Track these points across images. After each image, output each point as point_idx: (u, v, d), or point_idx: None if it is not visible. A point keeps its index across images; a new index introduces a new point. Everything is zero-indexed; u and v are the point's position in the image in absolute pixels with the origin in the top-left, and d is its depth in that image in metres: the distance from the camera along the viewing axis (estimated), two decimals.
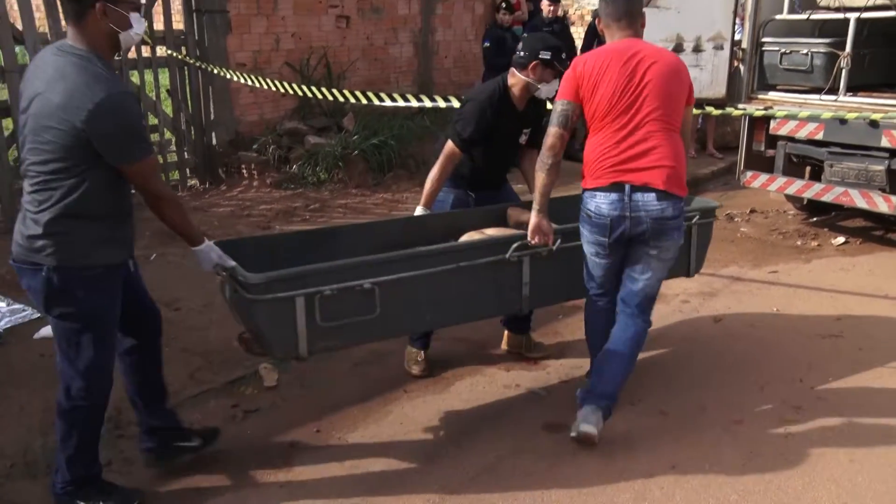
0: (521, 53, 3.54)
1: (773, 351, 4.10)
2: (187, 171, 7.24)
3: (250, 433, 3.37)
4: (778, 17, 5.94)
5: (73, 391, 2.64)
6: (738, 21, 6.71)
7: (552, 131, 3.18)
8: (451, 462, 3.13)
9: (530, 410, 3.53)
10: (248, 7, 7.48)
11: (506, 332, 4.13)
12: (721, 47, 6.23)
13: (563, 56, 3.52)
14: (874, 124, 5.17)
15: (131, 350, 2.90)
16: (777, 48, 5.91)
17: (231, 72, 6.67)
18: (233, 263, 2.80)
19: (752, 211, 6.78)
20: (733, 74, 6.36)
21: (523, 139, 3.76)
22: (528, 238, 3.26)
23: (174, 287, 4.87)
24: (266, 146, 7.48)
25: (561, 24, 8.23)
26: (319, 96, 6.13)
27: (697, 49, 6.17)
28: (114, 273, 2.62)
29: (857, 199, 5.44)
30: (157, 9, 6.77)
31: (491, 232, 3.48)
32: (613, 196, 3.09)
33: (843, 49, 5.47)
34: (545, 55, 3.49)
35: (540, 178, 3.22)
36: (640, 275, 3.24)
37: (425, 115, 8.95)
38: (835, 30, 5.67)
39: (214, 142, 7.34)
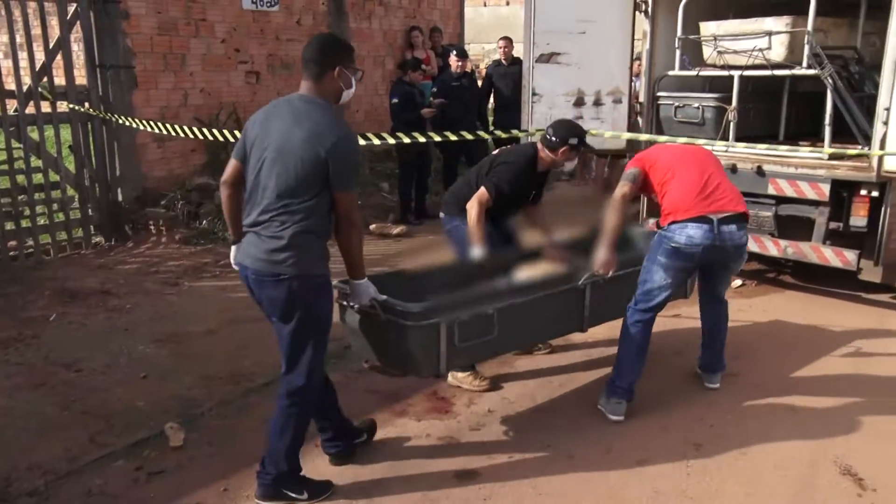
0: (553, 138, 4.15)
1: (676, 391, 4.25)
2: (91, 228, 7.03)
3: (154, 496, 3.26)
4: (671, 73, 6.30)
5: (293, 391, 3.10)
6: (634, 76, 7.09)
7: (624, 186, 3.96)
8: None
9: (441, 460, 3.53)
10: (154, 63, 7.43)
11: None
12: (620, 101, 6.55)
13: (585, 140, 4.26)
14: (761, 173, 5.51)
15: None
16: (671, 102, 6.27)
17: (136, 121, 6.56)
18: (385, 297, 3.26)
19: None
20: (632, 126, 6.68)
21: (532, 197, 4.44)
22: (596, 269, 3.92)
23: (74, 348, 4.71)
24: (175, 202, 7.36)
25: (469, 79, 8.47)
26: (231, 139, 6.08)
27: (598, 103, 6.45)
28: (330, 284, 3.11)
29: (750, 244, 5.72)
30: (58, 63, 6.64)
31: (542, 266, 4.16)
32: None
33: (730, 103, 5.84)
34: (573, 142, 4.15)
35: (612, 220, 3.93)
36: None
37: None
38: (722, 86, 6.06)
39: (120, 198, 7.17)
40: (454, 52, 8.47)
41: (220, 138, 6.03)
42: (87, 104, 6.84)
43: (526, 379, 4.40)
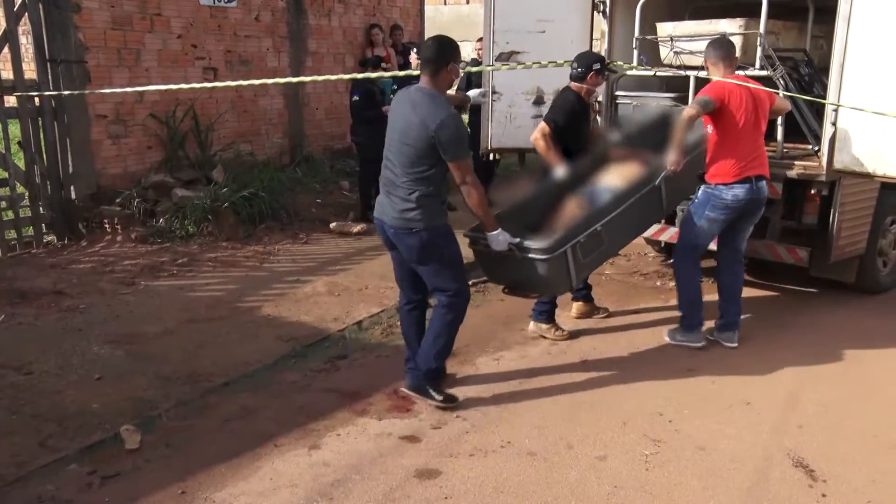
0: (579, 69, 4.82)
1: (636, 387, 4.30)
2: (42, 226, 6.85)
3: (108, 500, 3.19)
4: (628, 72, 6.36)
5: (449, 304, 3.95)
6: None
7: (697, 103, 4.59)
8: None
9: (402, 459, 3.52)
10: (108, 58, 7.25)
11: (574, 304, 5.35)
12: None
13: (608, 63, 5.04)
14: None
15: (413, 303, 4.19)
16: (629, 101, 6.34)
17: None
18: (518, 239, 4.01)
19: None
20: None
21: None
22: (669, 167, 4.49)
23: (25, 350, 4.59)
24: (130, 200, 7.20)
25: None
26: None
27: None
28: (451, 230, 3.91)
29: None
30: (6, 56, 6.45)
31: (617, 170, 4.70)
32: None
33: (687, 103, 5.91)
34: (596, 66, 4.81)
35: (679, 133, 4.50)
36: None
37: (297, 168, 8.94)
38: (679, 86, 6.14)
39: (73, 196, 7.00)
40: (415, 51, 8.42)
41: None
42: (37, 100, 6.68)
43: (488, 377, 4.41)
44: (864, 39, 4.95)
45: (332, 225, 7.66)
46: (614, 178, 4.66)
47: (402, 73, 6.79)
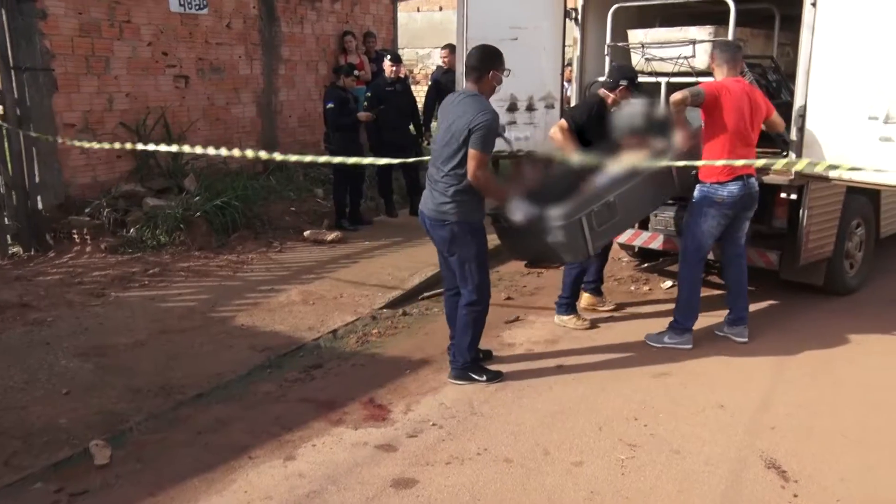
0: (609, 80, 5.25)
1: (611, 392, 4.31)
2: (8, 237, 6.73)
3: None
4: (600, 79, 6.40)
5: (470, 301, 4.31)
6: (566, 81, 7.18)
7: (689, 91, 4.70)
8: None
9: (378, 468, 3.50)
10: (76, 66, 7.16)
11: (584, 294, 5.62)
12: (552, 106, 6.62)
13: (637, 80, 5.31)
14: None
15: (454, 289, 4.47)
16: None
17: (49, 137, 6.29)
18: (537, 210, 4.32)
19: None
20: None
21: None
22: (678, 146, 4.82)
23: None
24: (100, 209, 7.10)
25: (403, 84, 8.46)
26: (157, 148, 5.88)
27: (530, 108, 6.50)
28: (483, 227, 4.28)
29: (680, 245, 5.88)
30: None
31: (630, 157, 4.88)
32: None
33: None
34: (624, 83, 5.13)
35: (677, 118, 4.80)
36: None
37: (271, 176, 8.88)
38: (649, 91, 6.19)
39: (40, 206, 6.89)
40: (388, 58, 8.43)
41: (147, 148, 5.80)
42: (0, 108, 6.57)
43: (463, 385, 4.40)
44: (827, 47, 5.04)
45: (307, 233, 7.61)
46: (627, 161, 4.88)
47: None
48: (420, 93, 16.19)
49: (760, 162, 4.76)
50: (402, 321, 5.50)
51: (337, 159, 6.37)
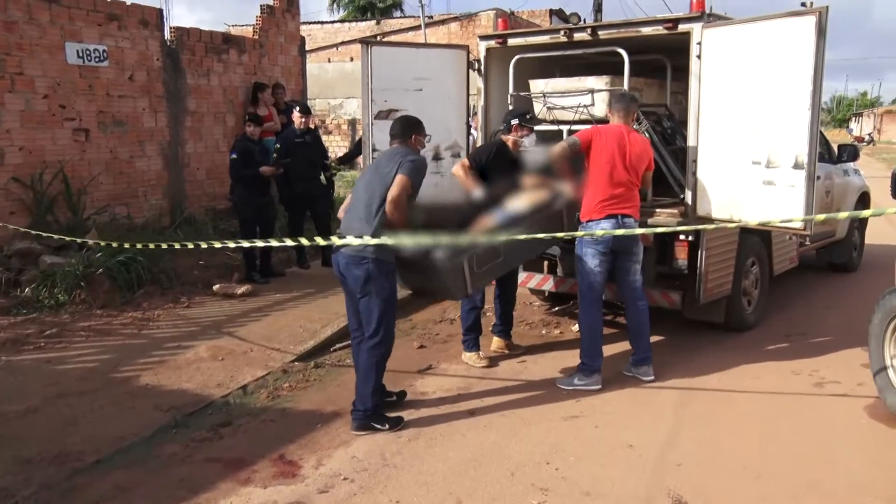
0: (503, 124, 5.53)
1: (523, 437, 4.34)
2: None
3: None
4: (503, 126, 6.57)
5: (374, 344, 4.35)
6: (473, 130, 7.34)
7: (565, 142, 5.19)
8: None
9: None
10: None
11: (495, 339, 5.83)
12: (458, 155, 6.74)
13: (529, 117, 5.57)
14: None
15: (359, 337, 4.48)
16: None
17: None
18: (425, 246, 4.37)
19: None
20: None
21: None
22: (568, 194, 5.13)
23: None
24: None
25: (312, 135, 8.45)
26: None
27: (437, 157, 6.60)
28: (395, 271, 4.42)
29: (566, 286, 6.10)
30: None
31: (530, 197, 5.11)
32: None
33: None
34: (515, 121, 5.41)
35: (559, 166, 5.13)
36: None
37: (178, 229, 8.67)
38: (553, 138, 6.39)
39: None
40: (297, 109, 8.43)
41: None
42: None
43: (374, 435, 4.35)
44: (713, 96, 5.35)
45: (216, 287, 7.44)
46: (523, 201, 5.08)
47: None
48: (332, 143, 16.32)
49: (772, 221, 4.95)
50: (314, 374, 5.41)
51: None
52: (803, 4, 4.78)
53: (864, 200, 8.77)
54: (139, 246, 5.62)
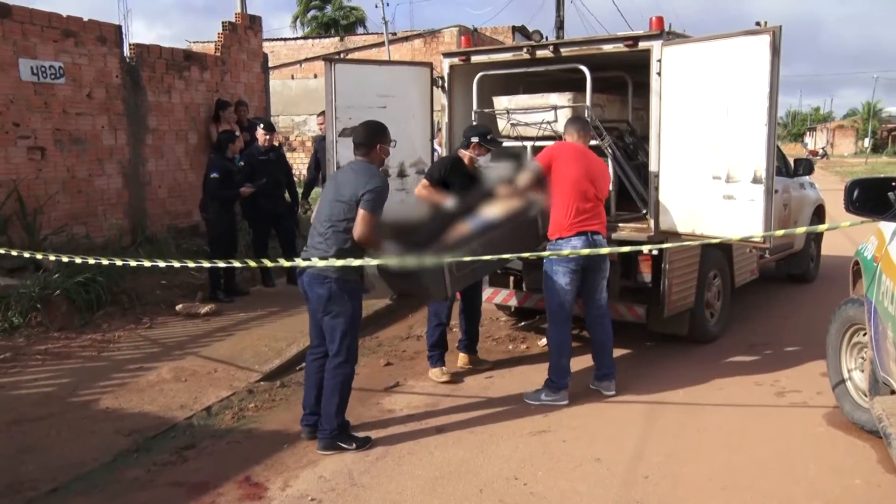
0: (463, 140, 5.56)
1: (491, 453, 4.33)
2: None
3: None
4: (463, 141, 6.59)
5: (338, 363, 4.31)
6: (437, 146, 7.35)
7: (528, 170, 5.24)
8: None
9: None
10: None
11: (461, 355, 5.85)
12: (423, 171, 6.74)
13: (489, 137, 5.53)
14: None
15: (319, 354, 4.47)
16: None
17: None
18: (407, 255, 4.38)
19: None
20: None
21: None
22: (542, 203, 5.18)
23: None
24: None
25: (277, 153, 8.40)
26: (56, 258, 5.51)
27: (402, 174, 6.61)
28: (360, 289, 4.38)
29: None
30: None
31: (504, 205, 5.21)
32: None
33: None
34: (475, 140, 5.44)
35: (526, 187, 5.19)
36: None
37: (139, 248, 8.53)
38: (517, 154, 6.44)
39: None
40: (261, 126, 8.36)
41: None
42: None
43: (342, 455, 4.30)
44: (674, 112, 5.44)
45: (179, 307, 7.32)
46: (496, 209, 5.16)
47: None
48: (296, 159, 16.18)
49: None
50: (279, 393, 5.35)
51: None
52: (758, 24, 4.90)
53: (819, 213, 8.98)
54: (104, 262, 5.45)
